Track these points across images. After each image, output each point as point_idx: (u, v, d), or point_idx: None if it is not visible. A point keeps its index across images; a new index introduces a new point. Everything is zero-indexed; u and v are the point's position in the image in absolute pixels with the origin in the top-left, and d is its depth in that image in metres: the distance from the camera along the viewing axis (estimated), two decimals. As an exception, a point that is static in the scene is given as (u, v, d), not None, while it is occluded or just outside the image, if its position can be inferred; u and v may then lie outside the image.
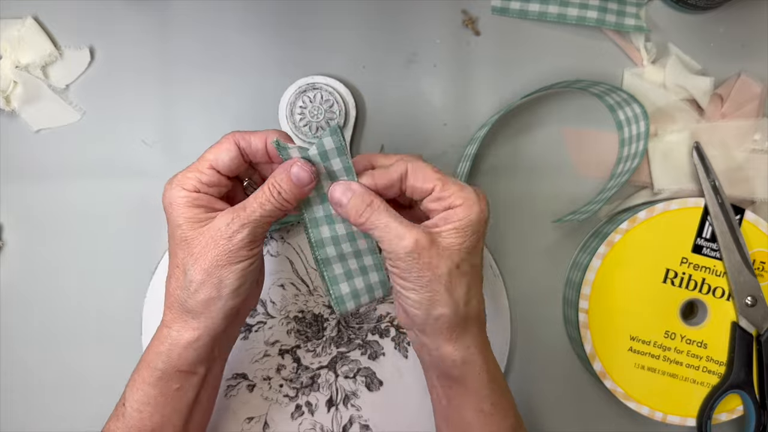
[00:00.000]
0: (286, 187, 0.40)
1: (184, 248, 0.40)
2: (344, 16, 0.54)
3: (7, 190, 0.54)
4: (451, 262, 0.39)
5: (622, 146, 0.54)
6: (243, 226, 0.40)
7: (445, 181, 0.40)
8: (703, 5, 0.53)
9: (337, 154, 0.41)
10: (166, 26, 0.54)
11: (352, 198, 0.41)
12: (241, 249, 0.40)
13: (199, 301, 0.40)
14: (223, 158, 0.41)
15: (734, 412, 0.52)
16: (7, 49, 0.52)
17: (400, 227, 0.39)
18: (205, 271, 0.40)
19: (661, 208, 0.51)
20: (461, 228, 0.39)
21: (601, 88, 0.53)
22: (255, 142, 0.41)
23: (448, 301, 0.40)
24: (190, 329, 0.41)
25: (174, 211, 0.41)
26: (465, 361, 0.42)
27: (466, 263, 0.40)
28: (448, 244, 0.39)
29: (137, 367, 0.43)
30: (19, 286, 0.54)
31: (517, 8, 0.54)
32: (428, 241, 0.39)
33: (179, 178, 0.41)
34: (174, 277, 0.41)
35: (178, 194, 0.41)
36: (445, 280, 0.39)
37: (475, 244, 0.40)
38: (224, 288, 0.40)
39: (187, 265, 0.40)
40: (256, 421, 0.53)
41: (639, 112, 0.52)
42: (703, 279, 0.52)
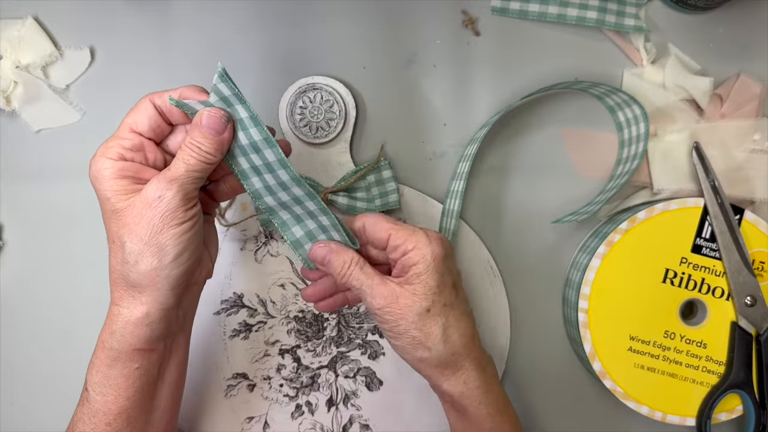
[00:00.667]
0: (202, 139, 0.39)
1: (116, 221, 0.39)
2: (344, 17, 0.54)
3: (7, 190, 0.54)
4: (420, 307, 0.41)
5: (621, 147, 0.54)
6: (170, 183, 0.38)
7: (396, 229, 0.42)
8: (703, 5, 0.53)
9: (238, 100, 0.40)
10: (167, 26, 0.54)
11: (332, 258, 0.43)
12: (176, 210, 0.38)
13: (141, 272, 0.39)
14: (141, 118, 0.40)
15: (734, 411, 0.52)
16: (8, 49, 0.52)
17: (373, 285, 0.42)
18: (142, 239, 0.38)
19: (660, 208, 0.51)
20: (421, 272, 0.41)
21: (601, 89, 0.53)
22: (171, 95, 0.40)
23: (426, 344, 0.42)
24: (138, 305, 0.39)
25: (101, 184, 0.39)
26: (463, 395, 0.43)
27: (436, 305, 0.42)
28: (413, 291, 0.41)
29: (95, 350, 0.42)
30: (19, 286, 0.54)
31: (517, 8, 0.54)
32: (395, 294, 0.41)
33: (102, 149, 0.40)
34: (113, 252, 0.40)
35: (102, 165, 0.39)
36: (418, 326, 0.41)
37: (438, 283, 0.42)
38: (165, 255, 0.39)
39: (123, 237, 0.39)
40: (256, 421, 0.53)
41: (639, 113, 0.52)
42: (702, 279, 0.52)
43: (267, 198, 0.43)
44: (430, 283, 0.41)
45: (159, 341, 0.41)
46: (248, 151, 0.41)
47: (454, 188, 0.53)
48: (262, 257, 0.53)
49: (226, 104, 0.40)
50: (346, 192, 0.52)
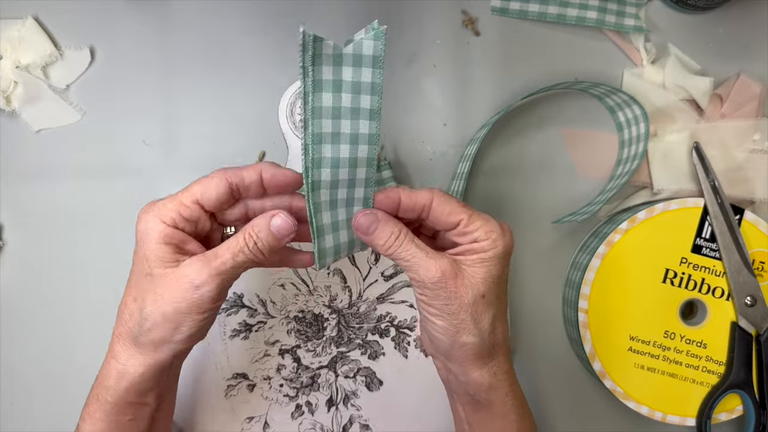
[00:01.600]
0: (264, 237, 0.39)
1: (147, 283, 0.39)
2: (344, 17, 0.54)
3: (7, 190, 0.54)
4: (477, 291, 0.40)
5: (622, 148, 0.54)
6: (212, 277, 0.38)
7: (470, 215, 0.40)
8: (703, 5, 0.53)
9: (372, 64, 0.38)
10: (167, 26, 0.54)
11: (378, 228, 0.40)
12: (207, 302, 0.38)
13: (151, 339, 0.39)
14: (211, 195, 0.39)
15: (734, 411, 0.52)
16: (8, 50, 0.52)
17: (427, 257, 0.39)
18: (164, 314, 0.38)
19: (660, 208, 0.51)
20: (487, 259, 0.40)
21: (601, 89, 0.53)
22: (248, 175, 0.39)
23: (473, 330, 0.40)
24: (137, 364, 0.40)
25: (146, 243, 0.39)
26: (492, 386, 0.42)
27: (491, 293, 0.40)
28: (474, 274, 0.40)
29: (87, 400, 0.42)
30: (19, 286, 0.54)
31: (517, 8, 0.54)
32: (454, 270, 0.39)
33: (158, 208, 0.39)
34: (128, 308, 0.40)
35: (154, 226, 0.39)
36: (471, 309, 0.40)
37: (500, 274, 0.40)
38: (179, 334, 0.39)
39: (146, 301, 0.39)
40: (256, 421, 0.53)
41: (639, 113, 0.52)
42: (702, 279, 0.52)
43: (325, 170, 0.38)
44: (493, 271, 0.40)
45: (151, 394, 0.42)
46: (342, 115, 0.38)
47: (454, 188, 0.53)
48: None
49: (354, 62, 0.38)
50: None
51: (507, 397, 0.42)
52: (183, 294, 0.38)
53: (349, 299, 0.53)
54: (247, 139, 0.54)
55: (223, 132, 0.54)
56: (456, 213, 0.40)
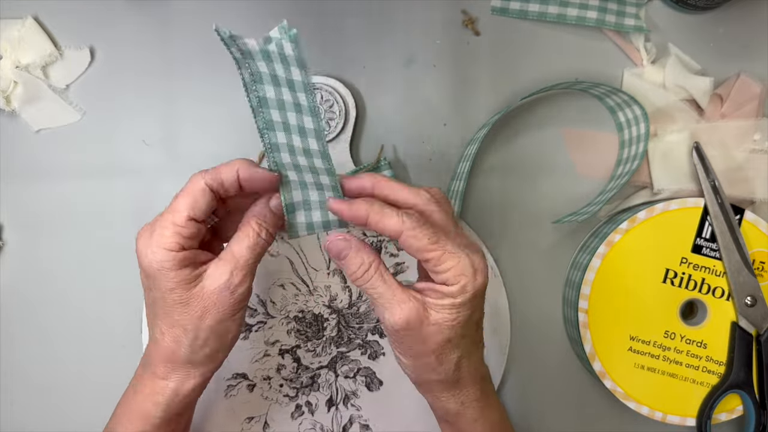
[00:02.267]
0: (270, 220, 0.39)
1: (181, 310, 0.38)
2: (344, 17, 0.54)
3: (7, 190, 0.54)
4: (442, 337, 0.38)
5: (622, 148, 0.54)
6: (243, 277, 0.38)
7: (441, 255, 0.37)
8: (703, 5, 0.53)
9: (297, 64, 0.37)
10: (167, 26, 0.54)
11: (349, 256, 0.39)
12: (243, 301, 0.39)
13: (206, 354, 0.40)
14: (200, 207, 0.38)
15: (734, 412, 0.52)
16: (8, 49, 0.52)
17: (393, 299, 0.38)
18: (211, 328, 0.39)
19: (660, 208, 0.51)
20: (456, 305, 0.38)
21: (601, 89, 0.53)
22: (227, 178, 0.38)
23: (437, 370, 0.40)
24: (192, 378, 0.41)
25: (164, 276, 0.38)
26: (459, 413, 0.42)
27: (458, 336, 0.39)
28: (441, 319, 0.38)
29: (121, 420, 0.42)
30: (19, 286, 0.54)
31: (517, 8, 0.54)
32: (420, 317, 0.38)
33: (158, 237, 0.38)
34: (171, 336, 0.39)
35: (164, 258, 0.38)
36: (435, 354, 0.39)
37: (468, 317, 0.39)
38: (229, 335, 0.40)
39: (188, 325, 0.39)
40: (256, 421, 0.53)
41: (639, 113, 0.52)
42: (702, 279, 0.52)
43: (284, 154, 0.39)
44: (461, 317, 0.38)
45: (192, 407, 0.44)
46: (287, 108, 0.38)
47: (454, 188, 0.53)
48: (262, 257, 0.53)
49: (282, 63, 0.38)
50: (346, 192, 0.52)
51: (476, 423, 0.42)
52: (221, 303, 0.38)
53: (349, 299, 0.53)
54: (247, 139, 0.54)
55: (223, 132, 0.54)
56: (426, 251, 0.37)
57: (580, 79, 0.54)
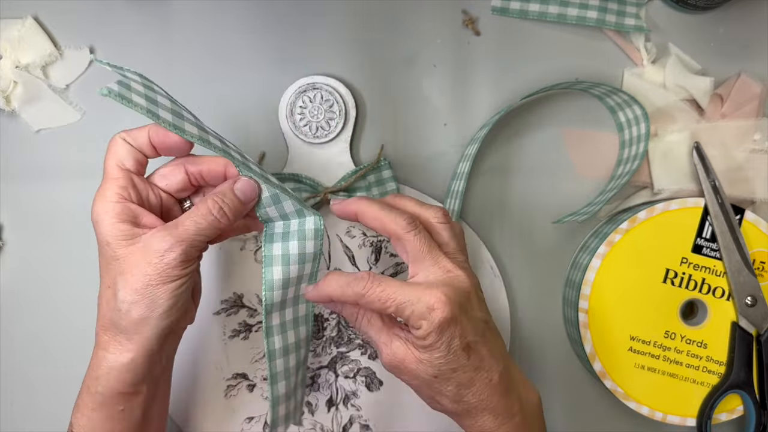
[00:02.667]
0: (230, 200, 0.40)
1: (115, 267, 0.39)
2: (344, 16, 0.54)
3: (7, 190, 0.54)
4: (427, 375, 0.39)
5: (622, 148, 0.54)
6: (176, 244, 0.38)
7: (395, 308, 0.39)
8: (703, 5, 0.53)
9: (297, 215, 0.41)
10: (167, 26, 0.54)
11: (342, 311, 0.42)
12: (174, 268, 0.38)
13: (131, 321, 0.39)
14: (123, 155, 0.41)
15: (734, 412, 0.52)
16: (8, 49, 0.52)
17: (379, 343, 0.41)
18: (137, 291, 0.39)
19: (661, 208, 0.51)
20: (426, 346, 0.39)
21: (602, 89, 0.53)
22: (137, 134, 0.41)
23: (439, 402, 0.41)
24: (124, 351, 0.40)
25: (102, 228, 0.39)
26: (481, 429, 0.41)
27: (444, 373, 0.39)
28: (420, 358, 0.39)
29: (79, 393, 0.42)
30: (19, 286, 0.54)
31: (517, 8, 0.54)
32: (401, 358, 0.40)
33: (99, 192, 0.40)
34: (105, 297, 0.40)
35: (103, 208, 0.39)
36: (428, 388, 0.40)
37: (447, 352, 0.39)
38: (157, 308, 0.39)
39: (118, 284, 0.39)
40: (256, 421, 0.53)
41: (639, 113, 0.52)
42: (703, 279, 0.52)
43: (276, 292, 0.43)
44: (436, 354, 0.39)
45: (142, 384, 0.42)
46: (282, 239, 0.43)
47: (454, 188, 0.53)
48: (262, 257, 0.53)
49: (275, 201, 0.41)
50: (346, 192, 0.52)
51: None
52: (149, 265, 0.38)
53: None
54: (247, 139, 0.54)
55: (222, 132, 0.54)
56: (384, 309, 0.39)
57: (580, 79, 0.54)
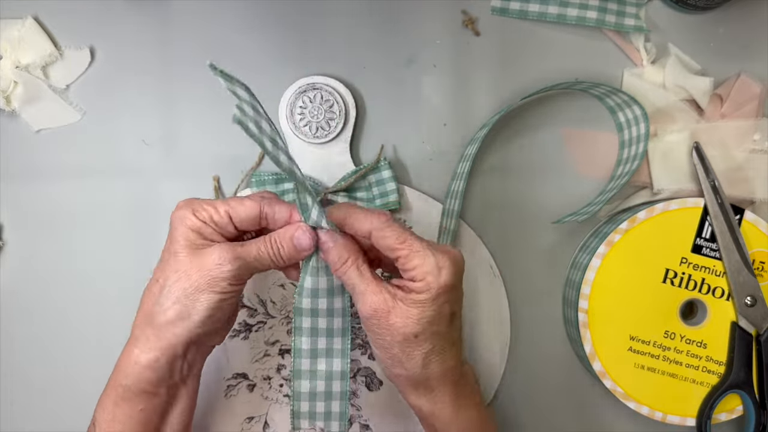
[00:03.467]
0: (286, 245, 0.42)
1: (172, 263, 0.41)
2: (344, 17, 0.54)
3: (7, 190, 0.54)
4: (407, 331, 0.40)
5: (622, 148, 0.54)
6: (234, 259, 0.40)
7: (408, 253, 0.40)
8: (703, 5, 0.53)
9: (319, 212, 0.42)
10: (167, 26, 0.54)
11: (331, 249, 0.42)
12: (223, 280, 0.40)
13: (167, 319, 0.41)
14: (240, 214, 0.42)
15: (734, 412, 0.52)
16: (8, 50, 0.52)
17: (366, 290, 0.41)
18: (183, 290, 0.40)
19: (660, 208, 0.51)
20: (420, 301, 0.40)
21: (601, 89, 0.53)
22: (280, 216, 0.42)
23: (404, 365, 0.41)
24: (152, 349, 0.41)
25: (177, 230, 0.41)
26: (432, 413, 0.43)
27: (425, 332, 0.40)
28: (408, 314, 0.40)
29: (105, 389, 0.43)
30: (19, 286, 0.54)
31: (517, 8, 0.54)
32: (387, 308, 0.40)
33: (195, 204, 0.42)
34: (151, 291, 0.42)
35: (186, 216, 0.41)
36: (401, 347, 0.41)
37: (436, 314, 0.40)
38: (195, 313, 0.40)
39: (169, 280, 0.41)
40: (256, 421, 0.53)
41: (639, 114, 0.52)
42: (702, 279, 0.52)
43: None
44: (427, 312, 0.40)
45: (161, 386, 0.42)
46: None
47: (454, 188, 0.53)
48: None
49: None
50: (346, 192, 0.52)
51: (451, 425, 0.43)
52: (203, 269, 0.40)
53: (349, 299, 0.53)
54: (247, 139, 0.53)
55: (223, 132, 0.54)
56: (393, 249, 0.41)
57: (580, 79, 0.54)
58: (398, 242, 0.40)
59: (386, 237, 0.41)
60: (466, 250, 0.54)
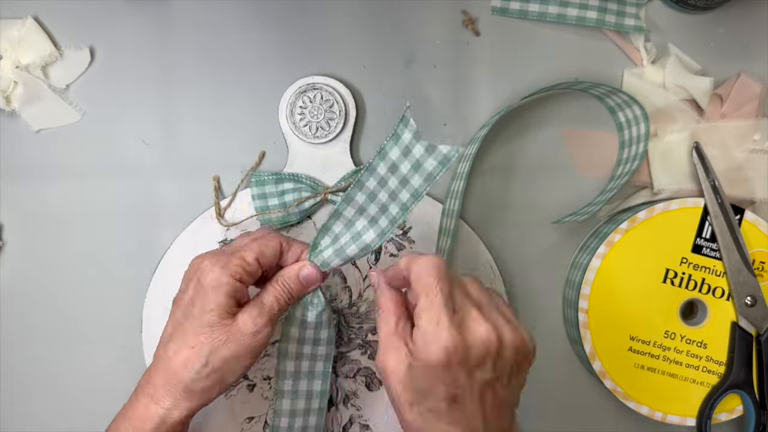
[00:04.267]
0: (293, 284, 0.44)
1: (208, 332, 0.41)
2: (344, 17, 0.54)
3: (7, 190, 0.54)
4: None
5: (622, 148, 0.54)
6: (266, 324, 0.42)
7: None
8: (703, 5, 0.53)
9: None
10: (167, 26, 0.54)
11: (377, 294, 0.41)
12: (261, 347, 0.42)
13: (205, 385, 0.42)
14: (269, 255, 0.43)
15: (734, 411, 0.52)
16: (8, 49, 0.52)
17: (380, 349, 0.39)
18: (223, 359, 0.41)
19: (660, 208, 0.51)
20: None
21: (601, 89, 0.53)
22: (295, 251, 0.45)
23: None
24: (182, 408, 0.42)
25: (213, 294, 0.41)
26: None
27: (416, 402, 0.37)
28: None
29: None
30: (19, 286, 0.54)
31: (517, 8, 0.54)
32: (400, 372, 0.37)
33: (225, 263, 0.42)
34: (183, 356, 0.41)
35: (226, 280, 0.41)
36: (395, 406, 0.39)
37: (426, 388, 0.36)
38: (231, 377, 0.42)
39: (204, 351, 0.41)
40: (256, 421, 0.53)
41: (639, 113, 0.52)
42: (702, 279, 0.52)
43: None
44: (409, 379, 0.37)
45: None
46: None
47: (454, 188, 0.53)
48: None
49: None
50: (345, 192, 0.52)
51: None
52: (243, 340, 0.41)
53: (349, 299, 0.53)
54: (248, 139, 0.54)
55: (223, 132, 0.54)
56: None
57: (580, 79, 0.54)
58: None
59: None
60: (466, 250, 0.54)
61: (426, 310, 0.37)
